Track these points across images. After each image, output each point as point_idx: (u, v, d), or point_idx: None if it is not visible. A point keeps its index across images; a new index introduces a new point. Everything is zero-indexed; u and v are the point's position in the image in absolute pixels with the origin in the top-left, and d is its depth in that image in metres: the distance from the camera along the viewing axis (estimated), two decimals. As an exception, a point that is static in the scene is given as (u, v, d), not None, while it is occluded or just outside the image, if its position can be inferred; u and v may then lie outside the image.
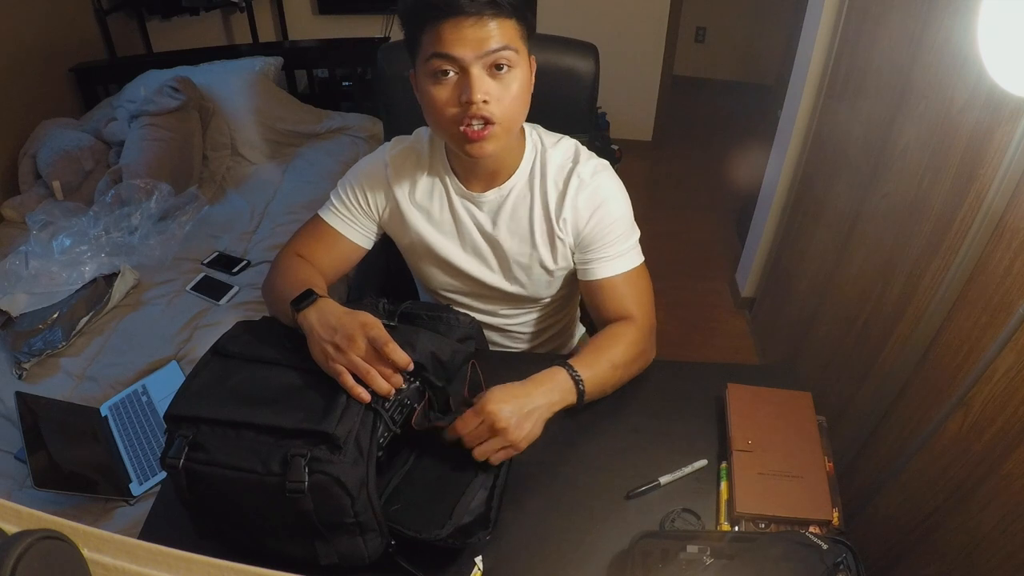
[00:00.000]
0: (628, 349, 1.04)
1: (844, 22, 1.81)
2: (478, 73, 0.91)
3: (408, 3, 0.93)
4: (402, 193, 1.12)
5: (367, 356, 0.84)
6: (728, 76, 4.28)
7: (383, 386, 0.83)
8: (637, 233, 1.12)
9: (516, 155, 1.09)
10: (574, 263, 1.13)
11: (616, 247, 1.09)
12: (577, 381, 0.97)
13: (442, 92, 0.94)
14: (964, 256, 1.19)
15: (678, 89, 3.77)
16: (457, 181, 1.10)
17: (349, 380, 0.83)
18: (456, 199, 1.11)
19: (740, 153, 3.01)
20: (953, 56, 1.24)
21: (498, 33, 0.90)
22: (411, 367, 0.86)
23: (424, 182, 1.12)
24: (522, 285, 1.16)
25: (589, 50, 1.36)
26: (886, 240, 1.51)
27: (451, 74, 0.92)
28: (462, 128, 0.94)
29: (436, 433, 0.90)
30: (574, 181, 1.07)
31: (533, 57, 1.00)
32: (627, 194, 1.12)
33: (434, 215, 1.13)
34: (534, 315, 1.25)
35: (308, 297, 0.92)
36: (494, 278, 1.16)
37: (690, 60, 4.14)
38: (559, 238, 1.10)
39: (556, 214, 1.09)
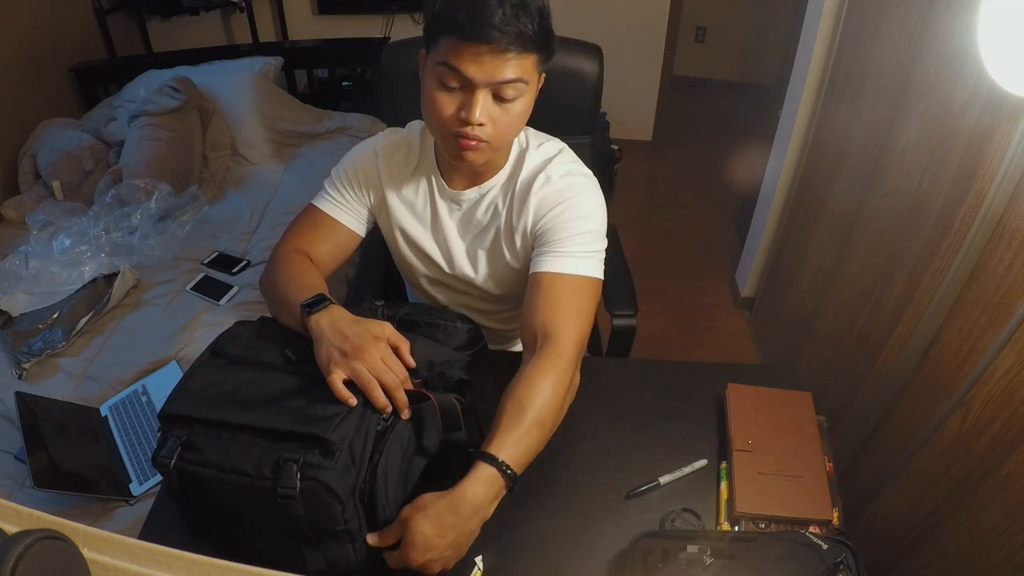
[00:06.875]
0: (554, 396, 0.90)
1: (844, 22, 1.81)
2: (483, 97, 0.91)
3: (437, 7, 0.88)
4: (388, 184, 1.12)
5: (375, 369, 0.83)
6: (728, 76, 4.27)
7: (380, 400, 0.82)
8: (602, 244, 1.04)
9: (501, 157, 1.08)
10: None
11: (571, 245, 1.01)
12: (505, 470, 0.83)
13: (443, 98, 0.93)
14: (964, 256, 1.19)
15: (678, 89, 3.76)
16: (441, 179, 1.10)
17: (338, 382, 0.81)
18: (437, 196, 1.12)
19: (740, 153, 3.00)
20: (953, 56, 1.24)
21: (515, 65, 0.89)
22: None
23: (410, 176, 1.12)
24: (493, 282, 1.16)
25: (593, 52, 1.34)
26: (886, 240, 1.51)
27: (456, 86, 0.91)
28: (454, 133, 0.94)
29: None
30: (540, 178, 1.05)
31: (543, 75, 0.97)
32: (603, 204, 1.07)
33: (417, 209, 1.13)
34: (513, 314, 1.25)
35: (321, 302, 0.91)
36: (467, 273, 1.16)
37: (690, 60, 4.13)
38: (519, 234, 1.08)
39: (519, 210, 1.07)
